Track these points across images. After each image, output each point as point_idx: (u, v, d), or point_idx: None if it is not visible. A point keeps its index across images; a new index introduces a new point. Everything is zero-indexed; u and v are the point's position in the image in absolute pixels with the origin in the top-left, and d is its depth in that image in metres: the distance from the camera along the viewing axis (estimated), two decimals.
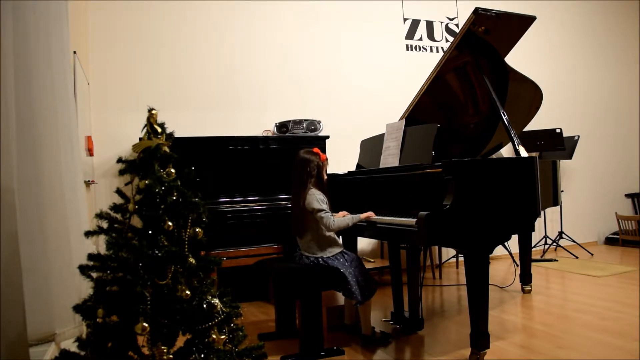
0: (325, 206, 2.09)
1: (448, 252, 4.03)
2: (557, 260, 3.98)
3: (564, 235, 4.35)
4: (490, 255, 1.79)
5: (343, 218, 2.10)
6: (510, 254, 3.75)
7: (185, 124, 3.24)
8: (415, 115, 2.43)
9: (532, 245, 3.45)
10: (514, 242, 2.97)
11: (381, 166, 2.34)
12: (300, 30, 3.69)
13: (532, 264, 3.14)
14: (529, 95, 2.57)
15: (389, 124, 2.40)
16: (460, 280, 3.51)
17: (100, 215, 1.36)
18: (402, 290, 2.47)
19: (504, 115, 2.21)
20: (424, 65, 3.82)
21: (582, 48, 4.79)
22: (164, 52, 3.32)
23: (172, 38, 3.34)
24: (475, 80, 2.45)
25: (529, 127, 2.85)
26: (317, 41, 3.75)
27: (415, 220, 1.74)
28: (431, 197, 1.86)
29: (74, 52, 2.25)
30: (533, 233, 2.81)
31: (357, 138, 2.80)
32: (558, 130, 3.89)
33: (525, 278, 3.01)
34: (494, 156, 2.73)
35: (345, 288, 2.04)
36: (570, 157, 4.21)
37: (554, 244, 4.31)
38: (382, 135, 2.43)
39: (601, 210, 4.76)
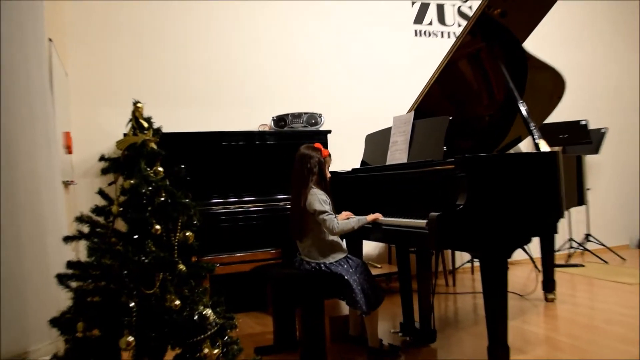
0: (328, 207, 2.09)
1: (462, 257, 4.03)
2: (583, 266, 3.96)
3: (591, 238, 4.33)
4: (508, 260, 1.78)
5: (347, 220, 2.10)
6: (531, 258, 3.74)
7: (174, 118, 3.24)
8: (424, 107, 2.43)
9: (556, 249, 3.44)
10: (535, 246, 2.95)
11: (388, 163, 2.34)
12: (298, 16, 3.69)
13: (556, 269, 3.12)
14: (550, 83, 2.56)
15: (396, 117, 2.39)
16: (476, 287, 3.50)
17: (80, 219, 1.36)
18: (412, 298, 2.47)
19: (523, 106, 2.21)
20: (434, 52, 3.81)
21: (611, 32, 4.75)
22: (151, 41, 3.32)
23: (159, 26, 3.34)
24: (490, 68, 2.44)
25: (551, 119, 2.84)
26: (317, 27, 3.75)
27: (425, 221, 1.73)
28: (443, 196, 1.86)
29: (50, 40, 2.24)
30: (556, 236, 2.79)
31: (361, 132, 2.80)
32: (583, 122, 3.87)
33: (548, 285, 3.00)
34: (511, 151, 2.72)
35: (349, 296, 2.04)
36: (597, 151, 4.19)
37: (580, 247, 4.29)
38: (389, 129, 2.42)
39: (633, 209, 4.73)
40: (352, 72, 3.84)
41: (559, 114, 2.99)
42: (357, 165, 2.69)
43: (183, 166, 1.63)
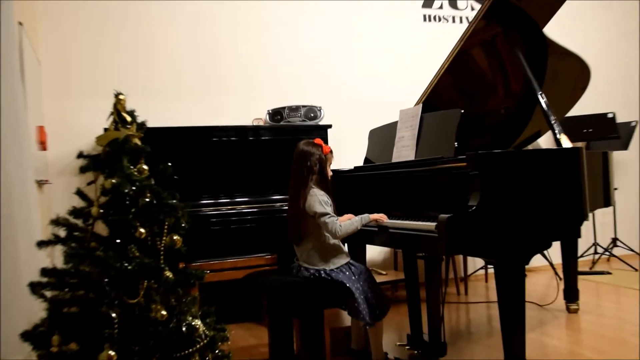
0: (329, 209, 2.09)
1: (475, 263, 4.03)
2: (610, 273, 3.96)
3: (618, 243, 4.31)
4: (526, 267, 1.78)
5: (350, 221, 2.10)
6: (552, 265, 3.73)
7: (159, 112, 3.24)
8: (434, 99, 2.43)
9: (579, 254, 3.42)
10: (556, 251, 2.94)
11: (394, 160, 2.34)
12: (295, 1, 3.69)
13: (579, 277, 3.11)
14: (573, 72, 2.55)
15: (402, 110, 2.39)
16: (490, 296, 3.51)
17: (56, 222, 1.36)
18: (421, 308, 2.47)
19: (542, 98, 2.20)
20: (444, 39, 3.78)
21: None
22: (134, 26, 3.31)
23: (143, 9, 3.34)
24: (506, 56, 2.43)
25: (574, 112, 2.83)
26: (316, 12, 3.74)
27: (435, 224, 1.73)
28: (454, 196, 1.85)
29: (20, 24, 2.22)
30: (579, 240, 2.78)
31: (365, 127, 2.80)
32: (610, 115, 3.85)
33: (571, 294, 3.00)
34: (529, 147, 2.72)
35: (352, 306, 2.04)
36: (625, 147, 4.15)
37: (606, 253, 4.28)
38: (395, 123, 2.42)
39: None
40: (354, 61, 3.83)
41: (583, 106, 2.98)
42: (360, 163, 2.69)
43: (170, 164, 1.64)
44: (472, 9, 4.17)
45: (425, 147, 2.19)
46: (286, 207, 2.29)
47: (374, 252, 3.70)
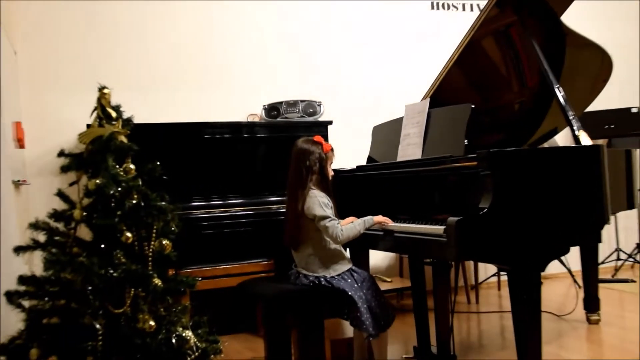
0: (330, 212, 2.09)
1: (487, 270, 4.03)
2: (634, 281, 3.94)
3: None
4: (542, 274, 1.78)
5: (352, 225, 2.10)
6: (570, 272, 3.74)
7: (147, 107, 3.24)
8: (442, 93, 2.42)
9: (600, 261, 3.42)
10: (574, 257, 2.94)
11: (399, 159, 2.33)
12: None
13: (600, 285, 3.09)
14: (594, 64, 2.55)
15: (408, 105, 2.39)
16: (504, 305, 3.50)
17: (35, 226, 1.36)
18: (428, 318, 2.47)
19: (560, 92, 2.20)
20: (453, 28, 3.79)
21: None
22: (120, 15, 3.31)
23: None
24: (521, 47, 2.43)
25: (594, 106, 2.83)
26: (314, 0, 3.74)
27: (443, 227, 1.73)
28: (464, 198, 1.85)
29: None
30: (600, 245, 2.77)
31: (368, 123, 2.80)
32: (634, 110, 3.84)
33: (591, 304, 2.99)
34: (545, 145, 2.71)
35: (354, 316, 2.04)
36: None
37: (630, 259, 4.26)
38: (400, 119, 2.42)
39: None
40: (356, 52, 3.83)
41: (604, 100, 2.98)
42: (363, 162, 2.69)
43: (158, 163, 1.64)
44: None
45: (432, 145, 2.19)
46: (283, 210, 2.29)
47: (378, 258, 3.70)
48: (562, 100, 2.19)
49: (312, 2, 3.73)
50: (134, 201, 1.46)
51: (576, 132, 2.13)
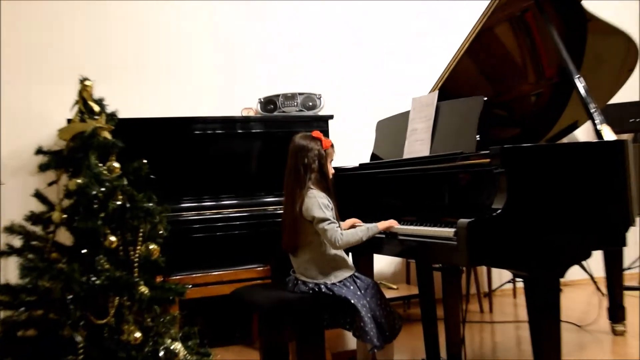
0: (330, 213, 2.09)
1: (501, 276, 4.02)
2: None
3: None
4: (562, 280, 1.77)
5: (354, 230, 2.10)
6: (592, 278, 3.72)
7: (133, 101, 3.23)
8: (452, 85, 2.42)
9: (626, 266, 3.40)
10: (597, 262, 2.92)
11: (405, 156, 2.33)
12: None
13: (626, 293, 3.07)
14: (619, 52, 2.54)
15: (415, 98, 2.39)
16: (519, 314, 3.49)
17: (10, 229, 1.36)
18: (437, 328, 2.46)
19: (580, 83, 2.19)
20: (465, 15, 3.78)
21: None
22: (105, 5, 3.29)
23: None
24: (538, 34, 2.43)
25: (618, 98, 2.82)
26: None
27: (453, 230, 1.72)
28: (476, 198, 1.85)
29: None
30: (626, 249, 2.77)
31: (371, 118, 2.79)
32: None
33: (616, 313, 2.97)
34: (564, 140, 2.71)
35: (357, 326, 2.03)
36: None
37: None
38: (407, 113, 2.42)
39: None
40: (359, 40, 3.82)
41: (629, 92, 2.96)
42: (366, 160, 2.68)
43: (145, 161, 1.63)
44: None
45: (442, 140, 2.19)
46: (281, 211, 2.28)
47: (383, 263, 3.69)
48: (582, 91, 2.19)
49: None
50: (119, 202, 1.46)
51: (598, 126, 2.12)
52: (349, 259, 2.25)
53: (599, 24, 2.43)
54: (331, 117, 3.34)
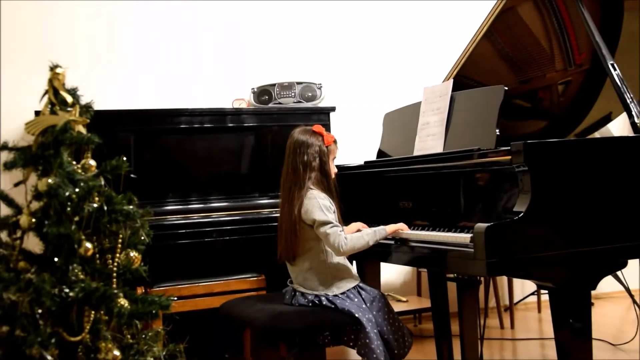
0: (332, 216, 2.09)
1: (524, 287, 4.02)
2: None
3: None
4: (594, 293, 1.77)
5: (359, 233, 2.10)
6: (629, 291, 3.70)
7: (111, 90, 3.24)
8: (469, 73, 2.43)
9: None
10: (634, 273, 2.92)
11: (416, 153, 2.34)
12: None
13: None
14: None
15: (427, 88, 2.39)
16: (545, 331, 3.49)
17: None
18: (452, 345, 2.47)
19: (614, 70, 2.19)
20: None
21: None
22: None
23: None
24: (566, 13, 2.42)
25: None
26: None
27: (470, 236, 1.73)
28: (495, 199, 1.85)
29: None
30: None
31: (378, 110, 2.79)
32: None
33: None
34: (596, 135, 2.70)
35: (362, 343, 2.03)
36: None
37: None
38: (418, 105, 2.42)
39: None
40: (364, 23, 3.82)
41: None
42: (372, 157, 2.68)
43: (125, 158, 1.63)
44: None
45: (457, 135, 2.19)
46: (276, 215, 2.29)
47: (392, 273, 3.70)
48: (617, 80, 2.18)
49: None
50: (95, 205, 1.46)
51: (635, 119, 2.11)
52: (353, 267, 2.25)
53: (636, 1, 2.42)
54: (333, 109, 3.34)
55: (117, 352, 1.34)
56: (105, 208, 1.47)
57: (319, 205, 2.08)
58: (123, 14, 3.37)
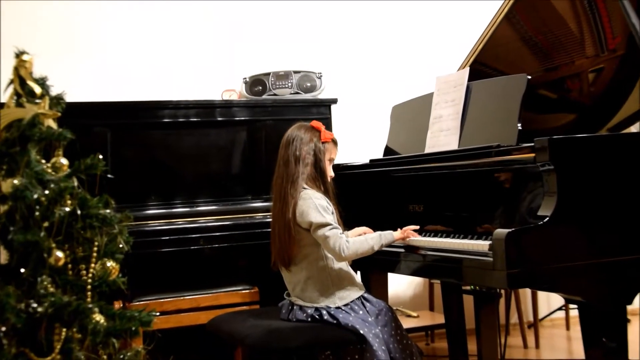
0: (330, 217, 2.10)
1: (550, 301, 4.03)
2: None
3: None
4: (629, 308, 1.77)
5: (363, 237, 2.11)
6: None
7: (87, 81, 3.24)
8: (487, 60, 2.45)
9: None
10: None
11: (428, 150, 2.34)
12: None
13: None
14: None
15: (440, 78, 2.40)
16: (574, 350, 3.49)
17: None
18: None
19: None
20: None
21: None
22: None
23: None
24: None
25: None
26: None
27: (488, 243, 1.73)
28: (517, 202, 1.85)
29: None
30: None
31: (385, 102, 2.79)
32: None
33: None
34: (631, 129, 2.70)
35: None
36: None
37: None
38: (430, 96, 2.43)
39: None
40: (368, 7, 3.83)
41: None
42: (378, 154, 2.69)
43: (101, 156, 1.63)
44: None
45: (474, 130, 2.19)
46: (271, 219, 2.28)
47: (400, 284, 3.70)
48: None
49: None
50: (67, 209, 1.46)
51: None
52: (357, 277, 2.26)
53: None
54: (334, 101, 3.33)
55: None
56: (79, 212, 1.47)
57: (314, 205, 2.09)
58: (103, 8, 3.37)
